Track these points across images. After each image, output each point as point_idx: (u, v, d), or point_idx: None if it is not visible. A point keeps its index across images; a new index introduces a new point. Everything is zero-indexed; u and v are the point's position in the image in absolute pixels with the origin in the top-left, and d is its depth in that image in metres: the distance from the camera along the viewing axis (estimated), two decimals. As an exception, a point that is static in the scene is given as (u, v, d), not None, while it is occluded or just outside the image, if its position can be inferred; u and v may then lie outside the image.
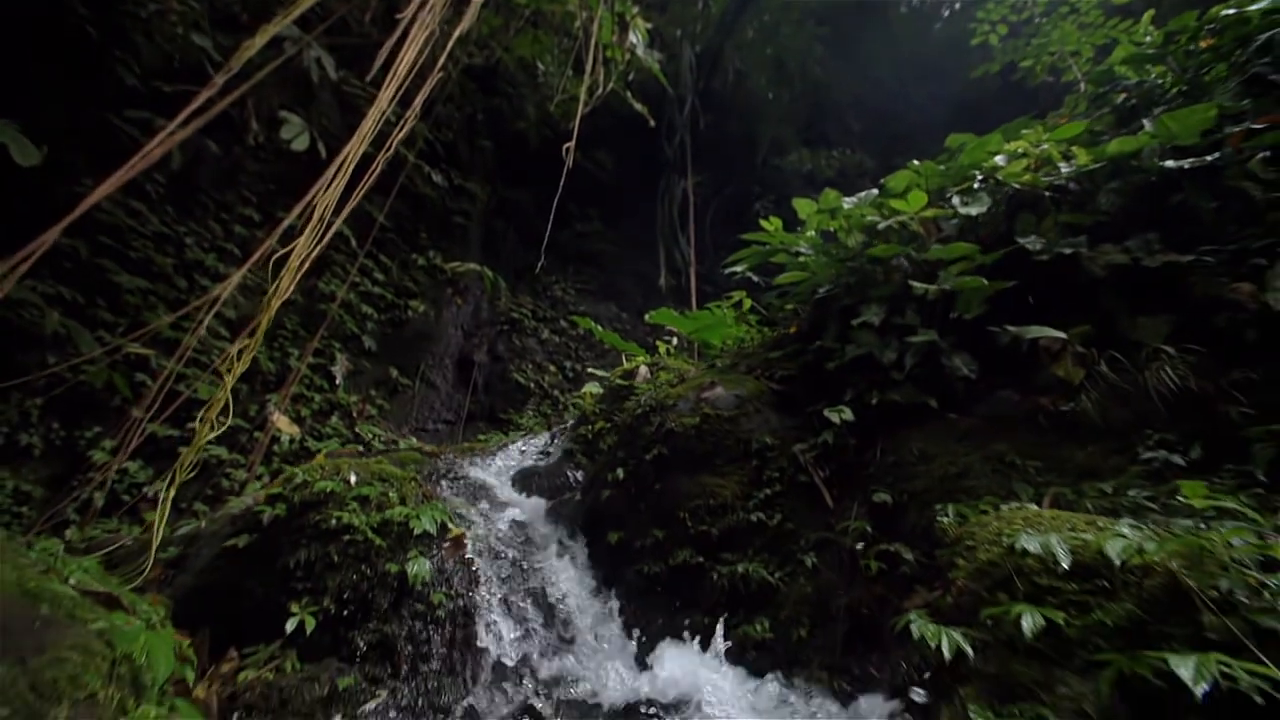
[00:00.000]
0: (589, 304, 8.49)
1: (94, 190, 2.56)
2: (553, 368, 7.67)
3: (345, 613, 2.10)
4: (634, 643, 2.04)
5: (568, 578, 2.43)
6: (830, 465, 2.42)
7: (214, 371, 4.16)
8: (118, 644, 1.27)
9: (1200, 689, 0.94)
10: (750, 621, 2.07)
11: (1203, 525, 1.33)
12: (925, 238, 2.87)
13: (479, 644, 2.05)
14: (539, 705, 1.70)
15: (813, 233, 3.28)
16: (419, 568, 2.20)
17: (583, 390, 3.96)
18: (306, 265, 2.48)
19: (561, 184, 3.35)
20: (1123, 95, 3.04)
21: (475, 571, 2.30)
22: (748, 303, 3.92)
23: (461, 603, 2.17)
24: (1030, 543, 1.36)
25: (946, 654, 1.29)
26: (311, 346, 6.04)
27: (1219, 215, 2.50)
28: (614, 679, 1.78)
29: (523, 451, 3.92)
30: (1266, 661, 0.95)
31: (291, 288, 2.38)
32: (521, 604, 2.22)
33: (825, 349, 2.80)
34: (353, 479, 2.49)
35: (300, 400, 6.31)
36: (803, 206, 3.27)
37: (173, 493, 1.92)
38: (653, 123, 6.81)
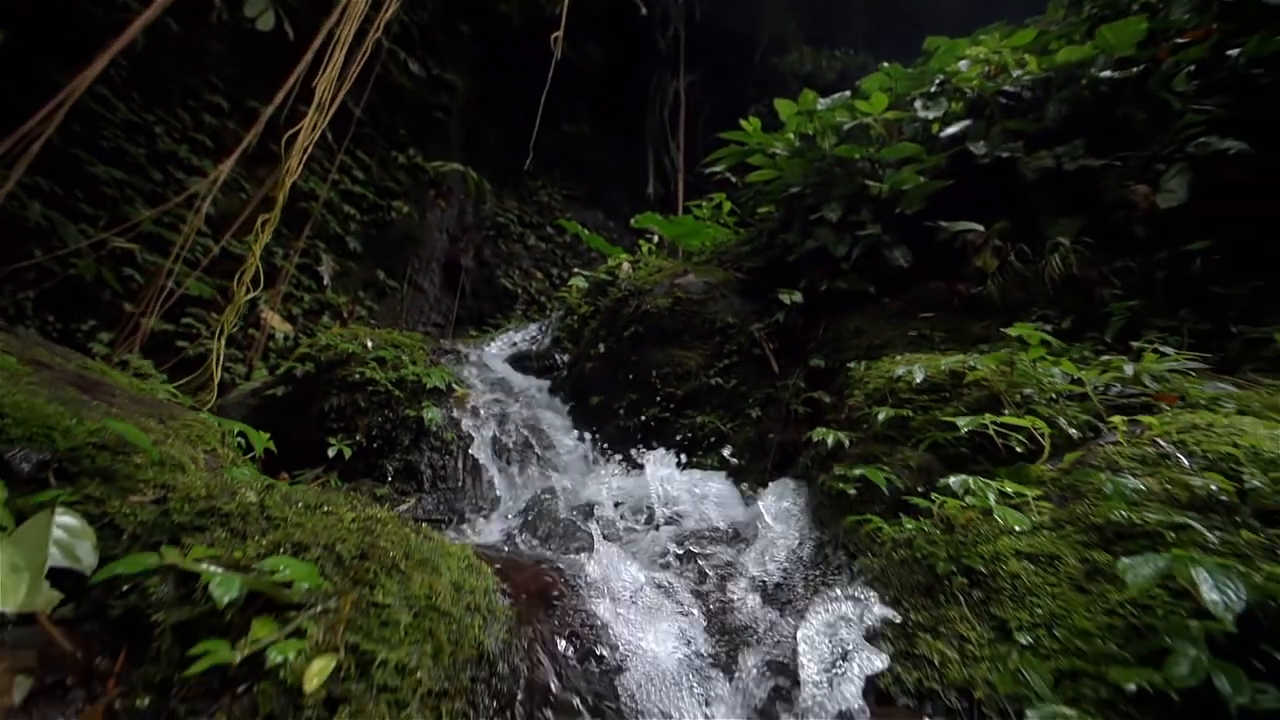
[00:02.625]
0: (576, 211, 8.64)
1: (72, 76, 2.74)
2: (539, 274, 7.99)
3: (375, 446, 2.66)
4: (608, 466, 2.65)
5: (555, 428, 3.01)
6: (780, 340, 2.94)
7: (203, 269, 4.46)
8: (221, 425, 1.78)
9: (965, 431, 1.50)
10: (704, 455, 2.68)
11: (1032, 361, 1.86)
12: (888, 139, 3.20)
13: (484, 470, 2.64)
14: (534, 503, 2.31)
15: (791, 135, 3.56)
16: (433, 414, 2.74)
17: (569, 284, 4.38)
18: (311, 147, 2.76)
19: (550, 77, 3.53)
20: (1090, 4, 3.25)
21: (479, 419, 2.86)
22: (727, 205, 4.25)
23: (469, 441, 2.74)
24: (900, 369, 1.89)
25: (830, 444, 1.86)
26: (299, 245, 6.27)
27: (1147, 125, 2.86)
28: (592, 486, 2.39)
29: (514, 342, 4.41)
30: (1016, 423, 1.50)
31: (300, 167, 2.68)
32: (518, 444, 2.80)
33: (788, 243, 3.22)
34: (369, 344, 2.96)
35: (290, 299, 6.66)
36: (783, 107, 3.52)
37: (224, 341, 2.37)
38: (644, 9, 6.62)
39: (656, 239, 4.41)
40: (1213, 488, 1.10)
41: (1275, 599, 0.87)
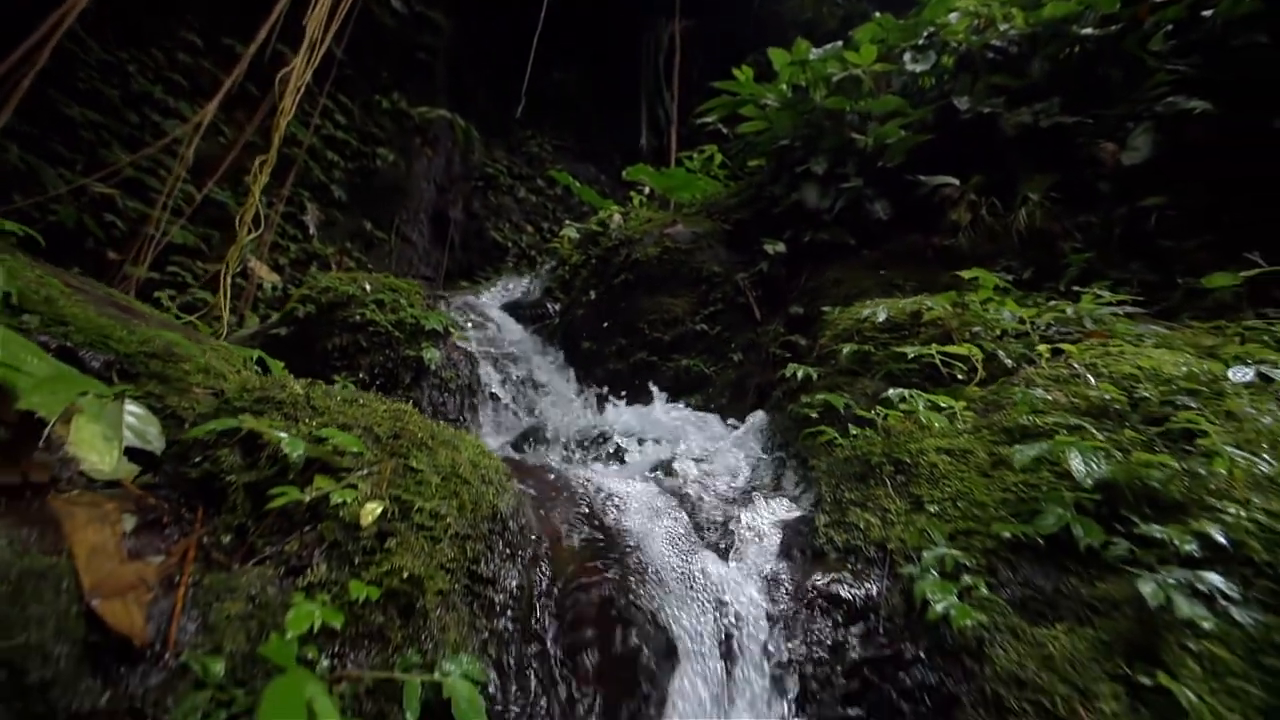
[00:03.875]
0: (567, 163, 8.59)
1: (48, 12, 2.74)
2: (530, 228, 8.04)
3: (377, 384, 2.86)
4: (598, 405, 2.89)
5: (548, 371, 3.22)
6: (763, 289, 3.14)
7: (187, 217, 4.51)
8: (239, 351, 1.97)
9: (913, 359, 1.74)
10: (689, 395, 2.92)
11: (981, 303, 2.08)
12: (876, 92, 3.31)
13: (482, 407, 2.86)
14: (530, 432, 2.55)
15: (784, 85, 3.64)
16: (432, 354, 2.93)
17: (560, 234, 4.50)
18: (304, 88, 2.83)
19: (541, 15, 3.54)
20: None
21: (476, 361, 3.06)
22: (718, 158, 4.35)
23: (467, 380, 2.95)
24: (866, 311, 2.11)
25: (800, 378, 2.09)
26: (284, 193, 6.26)
27: (1124, 84, 3.00)
28: (583, 420, 2.63)
29: (507, 290, 4.57)
30: (957, 351, 1.73)
31: (294, 108, 2.76)
32: (513, 384, 3.02)
33: (774, 195, 3.37)
34: (368, 287, 3.11)
35: (277, 249, 6.69)
36: (777, 56, 3.59)
37: (229, 279, 2.53)
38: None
39: (648, 191, 4.52)
40: (1106, 397, 1.34)
41: (1140, 479, 1.12)
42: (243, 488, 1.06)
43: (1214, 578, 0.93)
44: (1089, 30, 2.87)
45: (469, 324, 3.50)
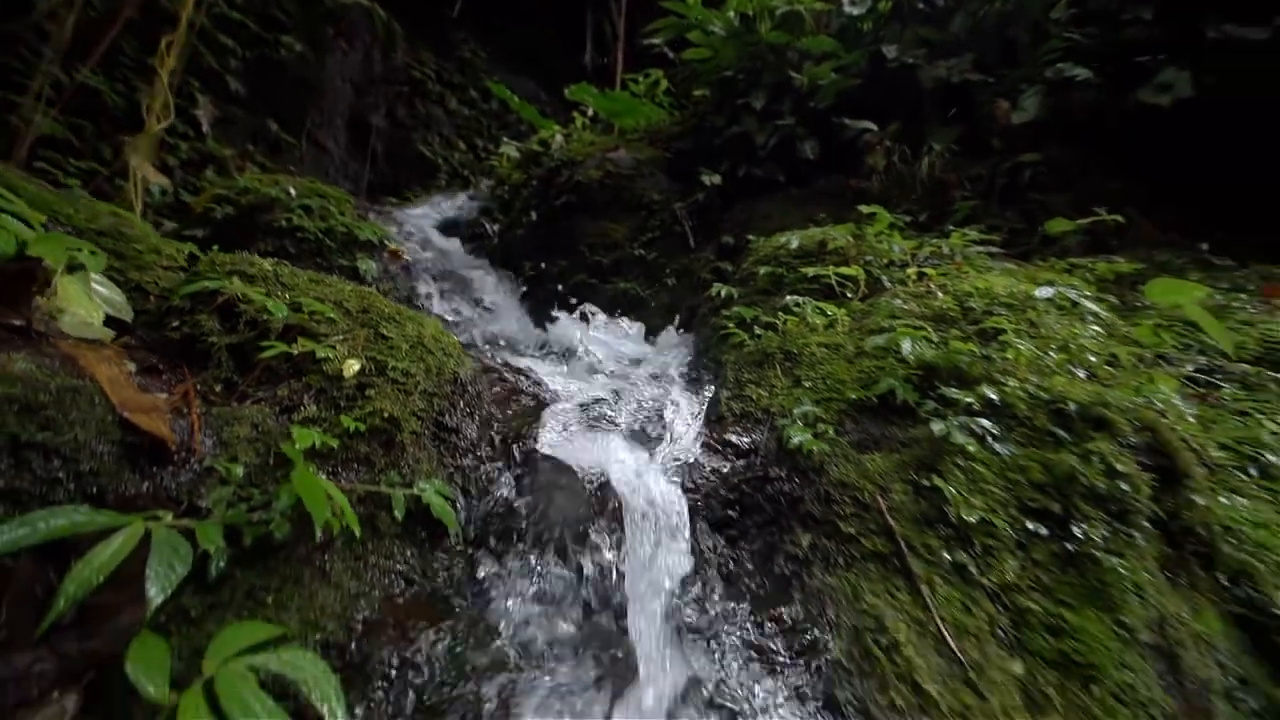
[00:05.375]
0: (504, 76, 8.19)
1: None
2: (463, 144, 7.73)
3: (309, 290, 2.91)
4: (539, 323, 3.12)
5: (488, 289, 3.38)
6: (698, 218, 3.42)
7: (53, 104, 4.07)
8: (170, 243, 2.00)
9: (812, 276, 2.11)
10: (625, 315, 3.21)
11: (875, 236, 2.47)
12: (816, 30, 3.54)
13: (422, 318, 3.01)
14: (471, 345, 2.75)
15: (731, 14, 3.76)
16: (367, 265, 3.00)
17: (500, 152, 4.49)
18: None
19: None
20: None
21: (414, 275, 3.16)
22: (664, 83, 4.44)
23: (405, 294, 3.06)
24: (783, 239, 2.46)
25: (722, 296, 2.43)
26: (166, 77, 5.63)
27: (1029, 48, 3.42)
28: (524, 334, 2.86)
29: (441, 208, 4.55)
30: (848, 273, 2.11)
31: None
32: (455, 299, 3.17)
33: (716, 127, 3.59)
34: (292, 191, 3.07)
35: (165, 148, 6.05)
36: (726, -19, 3.68)
37: (141, 172, 2.44)
38: None
39: (591, 113, 4.56)
40: (945, 307, 1.77)
41: (952, 361, 1.55)
42: (225, 348, 1.24)
43: (985, 422, 1.37)
44: (1001, -8, 3.21)
45: (403, 238, 3.55)
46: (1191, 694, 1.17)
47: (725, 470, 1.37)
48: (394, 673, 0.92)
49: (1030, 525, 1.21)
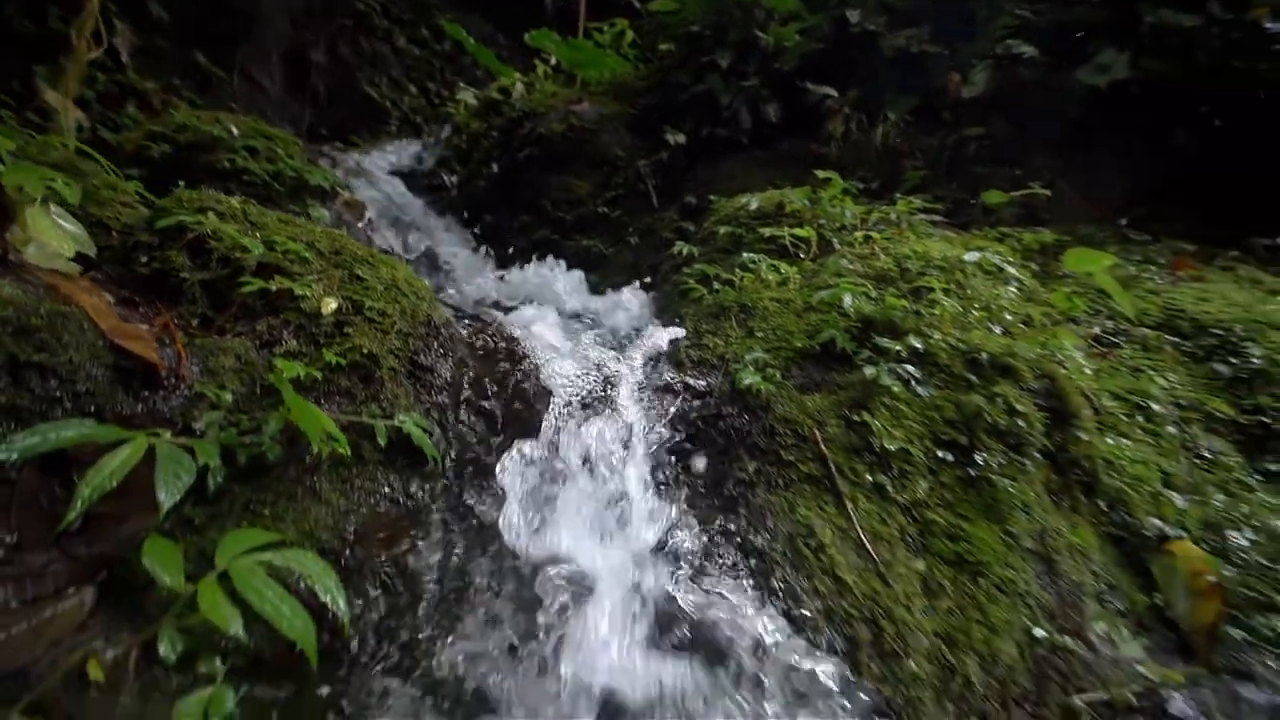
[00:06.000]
0: (457, 14, 7.82)
1: None
2: (414, 88, 7.41)
3: (258, 237, 2.86)
4: (501, 277, 3.18)
5: (448, 242, 3.40)
6: (662, 177, 3.51)
7: None
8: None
9: (769, 236, 2.28)
10: (587, 272, 3.31)
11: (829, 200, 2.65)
12: (783, -9, 3.61)
13: (380, 270, 3.01)
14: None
15: (700, -35, 3.76)
16: (320, 214, 2.96)
17: (456, 98, 4.40)
18: None
19: None
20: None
21: (371, 225, 3.14)
22: (629, 34, 4.42)
23: (363, 242, 3.05)
24: (742, 200, 2.61)
25: (684, 254, 2.57)
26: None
27: (985, 21, 3.62)
28: (487, 286, 2.93)
29: (394, 156, 4.44)
30: (801, 234, 2.29)
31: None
32: (413, 250, 3.17)
33: (681, 83, 3.65)
34: (234, 130, 2.96)
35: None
36: (694, -70, 3.68)
37: (70, 100, 2.33)
38: None
39: (553, 62, 4.50)
40: (885, 267, 1.97)
41: (887, 315, 1.75)
42: (198, 284, 1.29)
43: (910, 368, 1.59)
44: (958, -37, 3.37)
45: (357, 186, 3.49)
46: (1065, 592, 1.45)
47: (684, 409, 1.54)
48: (385, 573, 1.06)
49: (940, 454, 1.44)
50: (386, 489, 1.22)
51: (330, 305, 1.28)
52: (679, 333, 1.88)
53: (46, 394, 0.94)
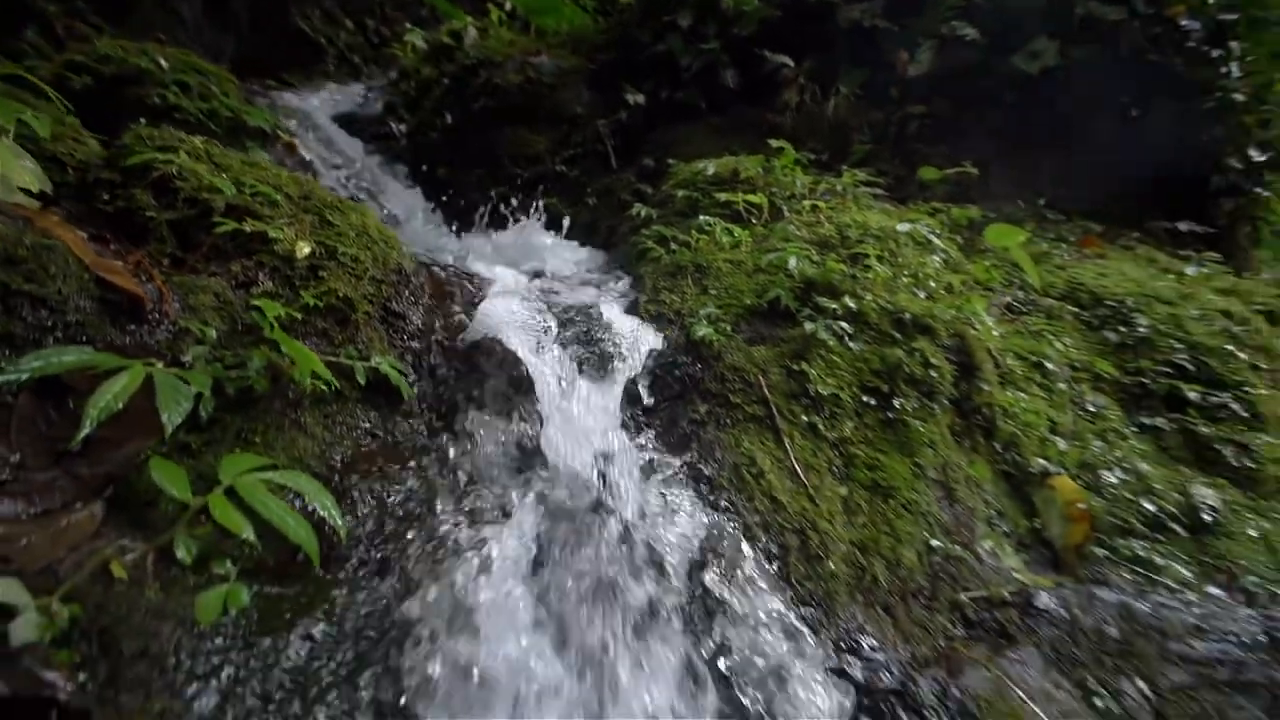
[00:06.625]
0: (399, -56, 7.37)
1: None
2: (350, 23, 6.98)
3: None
4: (457, 233, 3.22)
5: (399, 194, 3.38)
6: (621, 137, 3.60)
7: None
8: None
9: (724, 201, 2.46)
10: (541, 235, 3.39)
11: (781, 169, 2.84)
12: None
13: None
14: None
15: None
16: (259, 156, 2.88)
17: (404, 40, 4.26)
18: None
19: None
20: None
21: (316, 172, 3.08)
22: (589, -16, 4.39)
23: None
24: (699, 165, 2.76)
25: (642, 216, 2.71)
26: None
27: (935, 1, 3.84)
28: (446, 245, 2.97)
29: (334, 99, 4.28)
30: (754, 200, 2.47)
31: None
32: (364, 204, 3.15)
33: (641, 41, 3.70)
34: (164, 63, 2.81)
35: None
36: (657, -120, 3.67)
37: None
38: None
39: (508, 8, 4.42)
40: (828, 234, 2.19)
41: (827, 277, 1.97)
42: (165, 224, 1.34)
43: (844, 324, 1.82)
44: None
45: (297, 130, 3.39)
46: (960, 515, 1.75)
47: (642, 361, 1.72)
48: (373, 494, 1.19)
49: (865, 399, 1.69)
50: (366, 424, 1.34)
51: (304, 249, 1.36)
52: (638, 290, 2.04)
53: (39, 323, 0.99)
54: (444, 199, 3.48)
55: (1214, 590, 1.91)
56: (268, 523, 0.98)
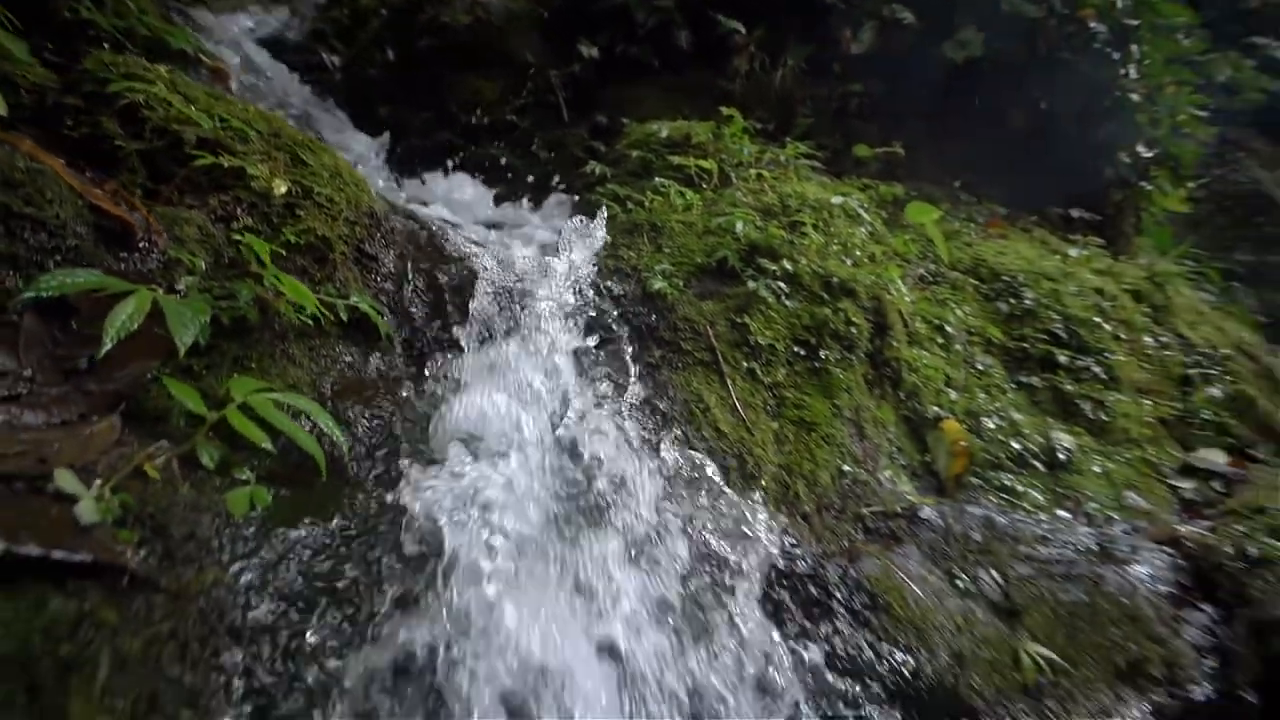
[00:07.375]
0: None
1: None
2: (263, -69, 6.40)
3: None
4: (402, 178, 3.23)
5: (342, 135, 3.31)
6: (573, 91, 3.68)
7: None
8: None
9: (677, 164, 2.66)
10: (496, 185, 3.45)
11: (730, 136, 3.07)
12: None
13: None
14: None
15: None
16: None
17: (338, -37, 4.04)
18: None
19: None
20: None
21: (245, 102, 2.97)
22: (540, -78, 4.31)
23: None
24: (651, 127, 2.93)
25: (596, 173, 2.86)
26: None
27: (875, -20, 4.12)
28: (387, 188, 2.99)
29: (254, 21, 4.03)
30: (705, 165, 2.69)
31: None
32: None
33: (595, -8, 3.75)
34: (66, -36, 2.59)
35: None
36: None
37: None
38: None
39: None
40: (771, 202, 2.46)
41: (769, 242, 2.24)
42: (135, 154, 1.38)
43: (782, 284, 2.11)
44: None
45: (222, 54, 3.22)
46: (868, 448, 2.12)
47: (602, 309, 1.93)
48: (365, 417, 1.35)
49: (796, 349, 2.00)
50: (348, 358, 1.48)
51: (281, 187, 1.43)
52: (596, 244, 2.23)
53: (40, 246, 1.06)
54: (387, 143, 3.44)
55: (1062, 513, 2.42)
56: (279, 435, 1.13)
